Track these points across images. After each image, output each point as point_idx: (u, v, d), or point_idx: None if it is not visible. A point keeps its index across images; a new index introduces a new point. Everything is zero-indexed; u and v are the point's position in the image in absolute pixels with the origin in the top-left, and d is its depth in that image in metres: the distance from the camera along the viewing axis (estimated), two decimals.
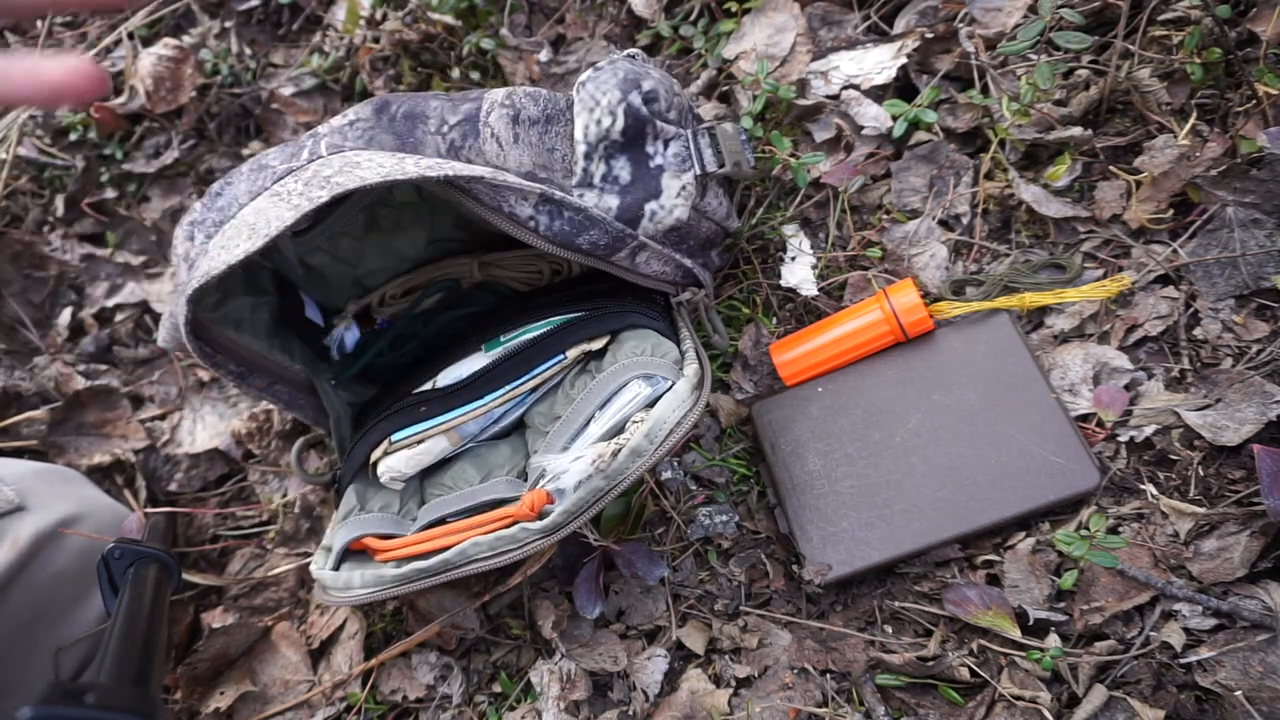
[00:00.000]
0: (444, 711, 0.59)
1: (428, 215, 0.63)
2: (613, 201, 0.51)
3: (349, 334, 0.66)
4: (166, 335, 0.60)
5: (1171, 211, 0.56)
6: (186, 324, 0.49)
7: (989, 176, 0.61)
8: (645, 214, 0.51)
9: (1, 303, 0.86)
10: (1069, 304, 0.56)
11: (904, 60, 0.64)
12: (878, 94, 0.65)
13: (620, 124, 0.50)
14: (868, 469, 0.54)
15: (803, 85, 0.67)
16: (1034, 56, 0.60)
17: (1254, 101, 0.54)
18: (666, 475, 0.60)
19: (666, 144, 0.52)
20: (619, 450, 0.45)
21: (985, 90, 0.62)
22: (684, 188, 0.52)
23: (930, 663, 0.50)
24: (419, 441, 0.55)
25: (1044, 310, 0.57)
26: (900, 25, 0.67)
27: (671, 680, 0.55)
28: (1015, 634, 0.49)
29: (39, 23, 1.04)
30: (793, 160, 0.62)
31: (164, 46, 0.91)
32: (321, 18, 0.93)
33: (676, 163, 0.52)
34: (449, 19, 0.79)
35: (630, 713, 0.54)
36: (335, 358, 0.66)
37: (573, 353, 0.53)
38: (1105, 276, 0.56)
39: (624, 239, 0.51)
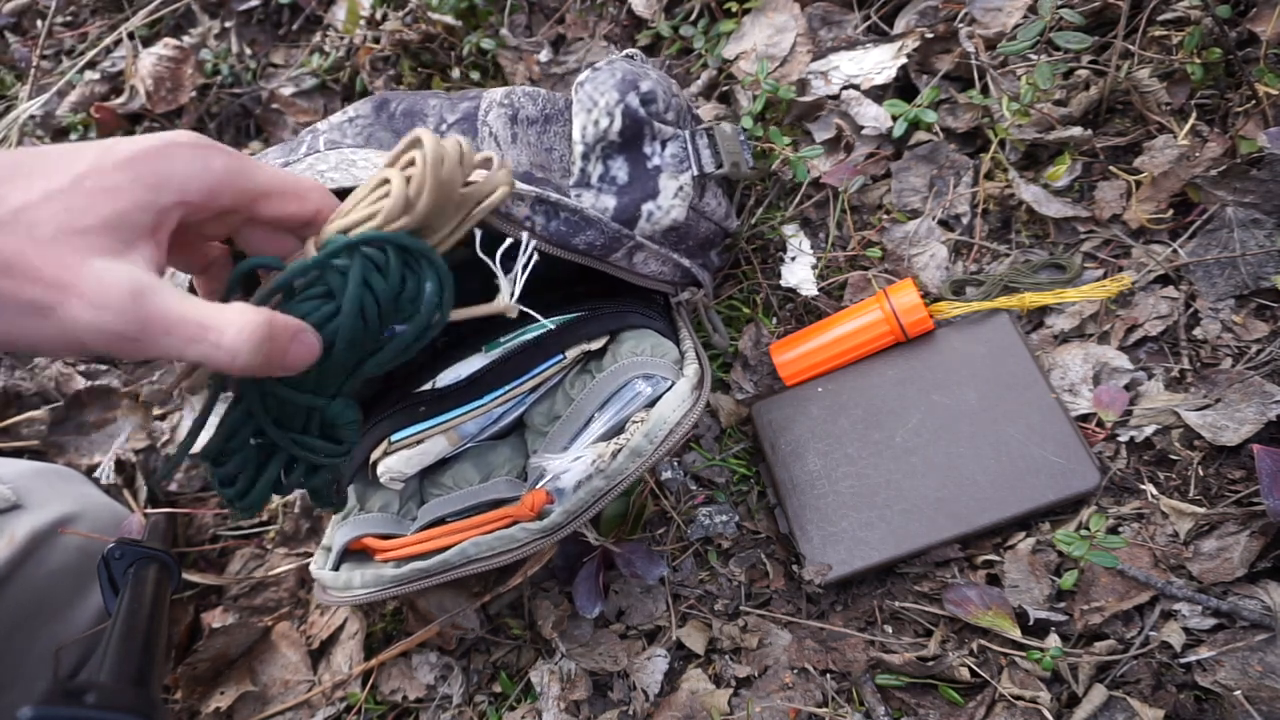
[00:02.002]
0: (444, 711, 0.59)
1: None
2: (610, 202, 0.51)
3: None
4: None
5: (1171, 211, 0.56)
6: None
7: (989, 176, 0.61)
8: (642, 214, 0.51)
9: None
10: (1069, 304, 0.56)
11: (904, 60, 0.64)
12: (878, 94, 0.65)
13: (618, 125, 0.50)
14: (868, 469, 0.54)
15: (803, 85, 0.67)
16: (1034, 56, 0.60)
17: (1254, 101, 0.54)
18: (666, 475, 0.60)
19: (664, 145, 0.52)
20: (619, 450, 0.45)
21: (985, 90, 0.62)
22: (681, 188, 0.52)
23: (930, 663, 0.50)
24: (418, 442, 0.55)
25: (1044, 310, 0.57)
26: (900, 25, 0.67)
27: (671, 680, 0.55)
28: (1015, 634, 0.49)
29: (39, 22, 1.04)
30: (792, 154, 0.62)
31: (164, 46, 0.91)
32: (321, 18, 0.93)
33: (674, 163, 0.52)
34: (449, 19, 0.79)
35: (630, 713, 0.54)
36: None
37: (572, 353, 0.53)
38: (1105, 276, 0.56)
39: (620, 239, 0.51)
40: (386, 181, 0.35)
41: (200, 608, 0.68)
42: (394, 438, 0.56)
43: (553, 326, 0.55)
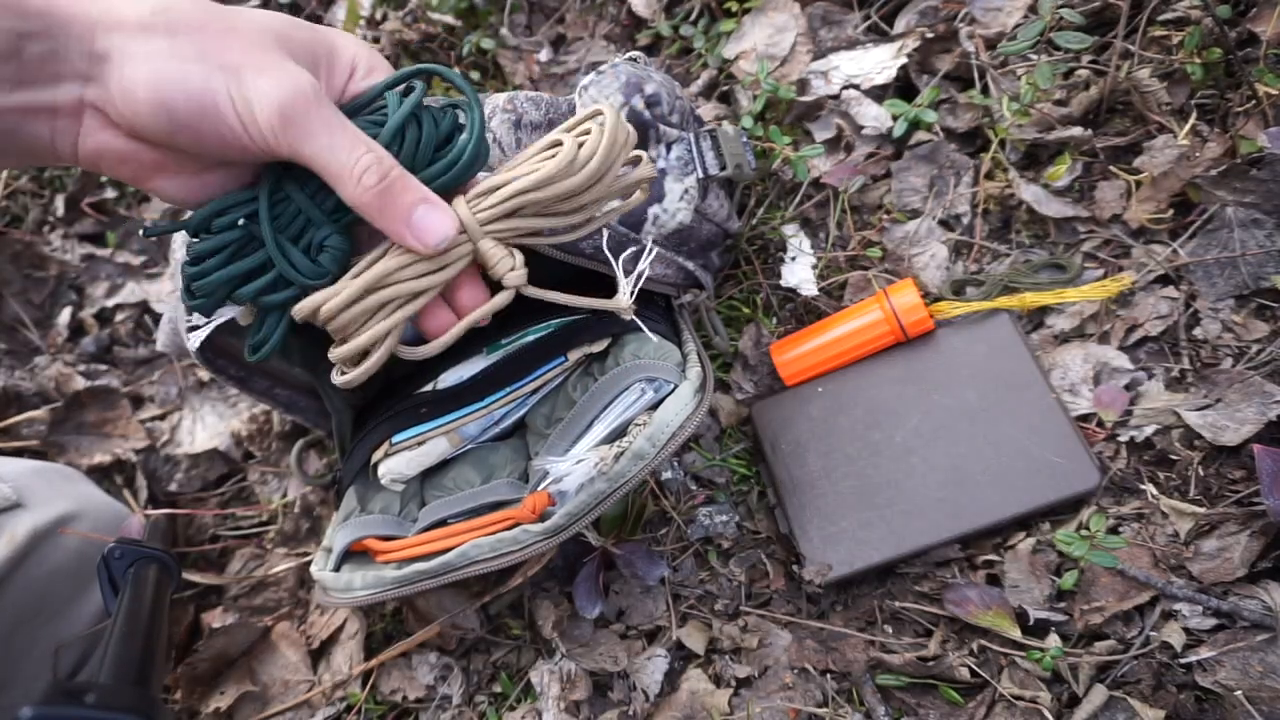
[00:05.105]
0: (444, 711, 0.59)
1: None
2: None
3: None
4: (166, 340, 0.60)
5: (1171, 211, 0.56)
6: (188, 331, 0.49)
7: (989, 176, 0.61)
8: (649, 218, 0.51)
9: (1, 303, 0.86)
10: (1069, 304, 0.56)
11: (904, 60, 0.64)
12: (878, 94, 0.65)
13: None
14: (868, 469, 0.54)
15: (803, 85, 0.67)
16: (1034, 56, 0.60)
17: (1254, 101, 0.54)
18: (667, 475, 0.60)
19: (669, 147, 0.52)
20: (621, 453, 0.45)
21: (985, 90, 0.62)
22: (686, 191, 0.52)
23: (930, 663, 0.50)
24: (420, 443, 0.55)
25: (1044, 310, 0.57)
26: (900, 25, 0.67)
27: (671, 680, 0.55)
28: (1015, 634, 0.49)
29: None
30: (792, 154, 0.62)
31: None
32: (321, 17, 0.93)
33: (679, 166, 0.52)
34: (449, 19, 0.79)
35: (630, 713, 0.54)
36: None
37: (574, 355, 0.53)
38: (1105, 276, 0.56)
39: (627, 244, 0.51)
40: (558, 144, 0.36)
41: (200, 608, 0.69)
42: (395, 439, 0.56)
43: (555, 328, 0.55)
